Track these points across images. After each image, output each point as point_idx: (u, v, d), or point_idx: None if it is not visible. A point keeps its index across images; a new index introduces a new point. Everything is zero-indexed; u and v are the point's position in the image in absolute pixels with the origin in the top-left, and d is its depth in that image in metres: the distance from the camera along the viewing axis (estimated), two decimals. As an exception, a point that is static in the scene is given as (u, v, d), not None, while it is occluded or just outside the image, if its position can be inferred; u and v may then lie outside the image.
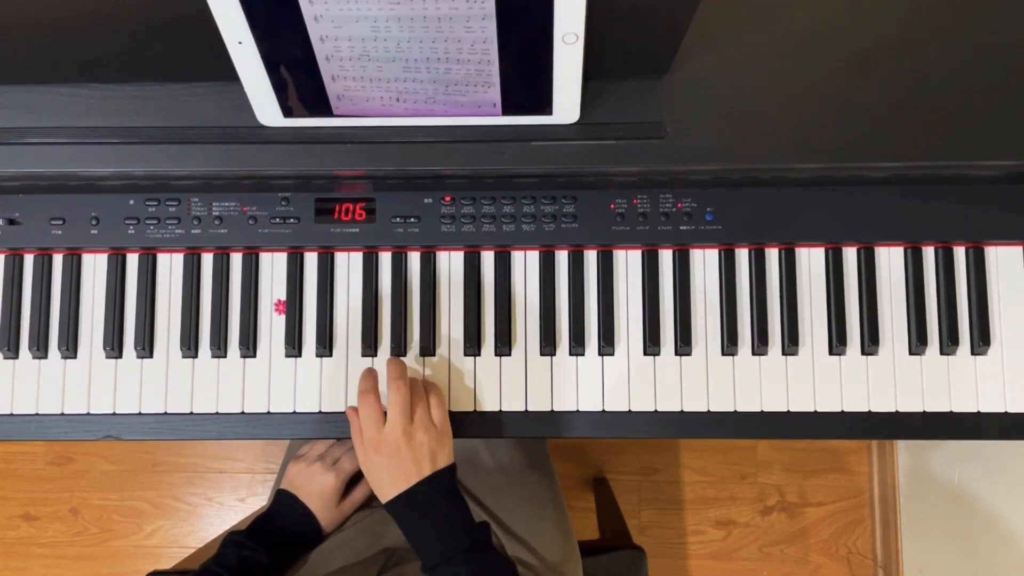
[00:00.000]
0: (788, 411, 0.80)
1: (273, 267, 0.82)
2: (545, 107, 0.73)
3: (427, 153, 0.76)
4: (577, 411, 0.80)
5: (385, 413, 0.73)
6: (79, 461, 1.65)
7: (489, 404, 0.80)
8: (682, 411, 0.80)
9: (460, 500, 0.74)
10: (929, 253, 0.82)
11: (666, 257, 0.82)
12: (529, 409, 0.80)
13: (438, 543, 0.71)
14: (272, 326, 0.81)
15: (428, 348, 0.80)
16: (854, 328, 0.81)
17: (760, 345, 0.80)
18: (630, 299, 0.81)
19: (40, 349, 0.81)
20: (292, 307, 0.81)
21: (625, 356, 0.81)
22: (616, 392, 0.80)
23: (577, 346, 0.80)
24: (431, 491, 0.72)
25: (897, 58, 0.77)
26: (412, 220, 0.80)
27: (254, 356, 0.81)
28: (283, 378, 0.81)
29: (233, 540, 0.79)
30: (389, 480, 0.73)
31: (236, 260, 0.82)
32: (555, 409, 0.80)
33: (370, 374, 0.77)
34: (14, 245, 0.81)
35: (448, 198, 0.80)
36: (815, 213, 0.80)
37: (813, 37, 0.77)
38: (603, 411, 0.80)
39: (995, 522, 1.21)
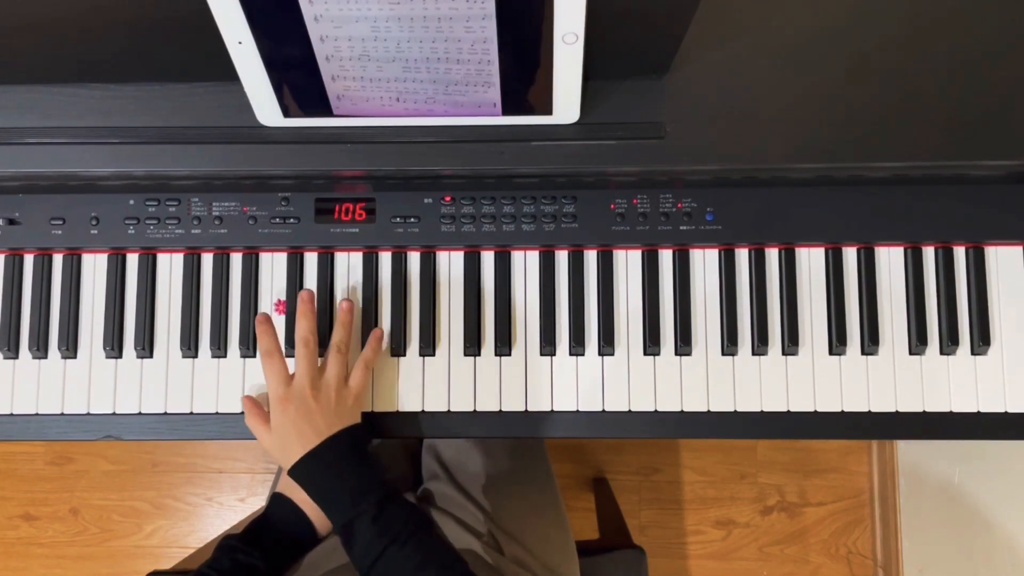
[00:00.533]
0: (788, 411, 0.80)
1: (273, 267, 0.82)
2: (545, 107, 0.73)
3: (427, 153, 0.76)
4: (577, 411, 0.80)
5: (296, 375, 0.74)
6: (79, 461, 1.65)
7: (489, 404, 0.80)
8: (682, 411, 0.80)
9: (368, 457, 0.73)
10: (929, 253, 0.82)
11: (666, 257, 0.82)
12: (529, 409, 0.80)
13: (347, 500, 0.70)
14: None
15: (428, 348, 0.80)
16: (854, 328, 0.81)
17: (760, 345, 0.80)
18: (630, 299, 0.81)
19: (40, 349, 0.81)
20: (292, 307, 0.81)
21: (625, 356, 0.81)
22: (616, 392, 0.80)
23: (577, 346, 0.80)
24: (339, 447, 0.72)
25: (897, 58, 0.77)
26: (412, 220, 0.80)
27: (254, 356, 0.81)
28: (283, 378, 0.81)
29: (228, 544, 0.78)
30: (297, 437, 0.72)
31: (236, 260, 0.82)
32: (555, 409, 0.80)
33: (268, 331, 0.76)
34: (14, 245, 0.81)
35: (448, 198, 0.80)
36: (815, 213, 0.80)
37: (813, 37, 0.77)
38: (603, 411, 0.80)
39: (995, 522, 1.21)
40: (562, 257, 0.82)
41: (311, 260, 0.82)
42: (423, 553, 0.68)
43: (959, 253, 0.81)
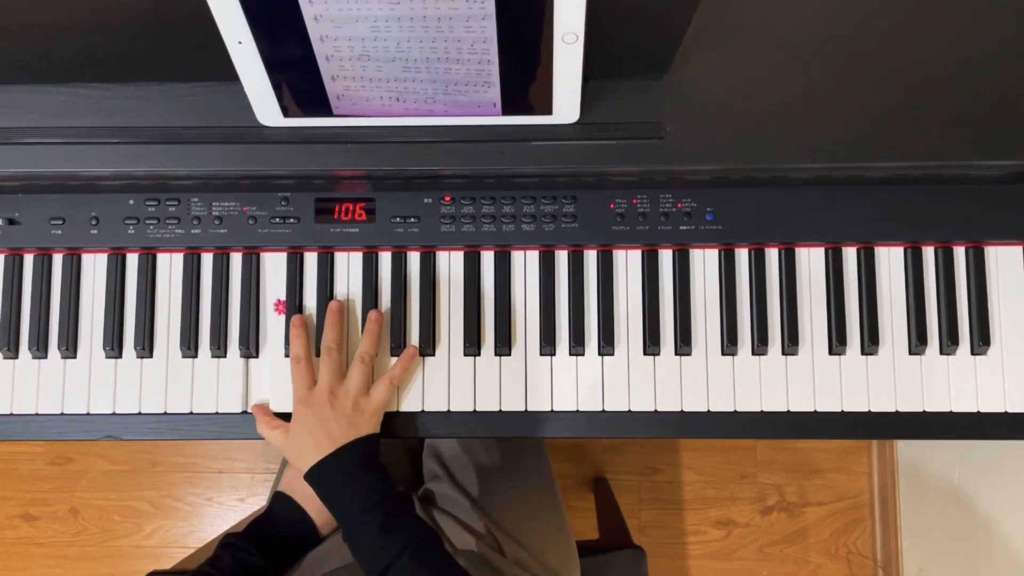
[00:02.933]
0: (788, 411, 0.80)
1: (273, 267, 0.82)
2: (545, 107, 0.73)
3: (427, 153, 0.76)
4: (577, 411, 0.80)
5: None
6: (79, 461, 1.65)
7: (489, 404, 0.80)
8: (682, 411, 0.80)
9: (380, 468, 0.74)
10: (929, 253, 0.82)
11: (666, 257, 0.82)
12: (529, 409, 0.80)
13: (357, 510, 0.71)
14: (272, 326, 0.81)
15: (428, 348, 0.80)
16: (854, 328, 0.81)
17: (760, 345, 0.80)
18: (630, 299, 0.81)
19: (40, 349, 0.81)
20: (292, 307, 0.81)
21: (625, 356, 0.81)
22: (616, 392, 0.80)
23: (577, 346, 0.80)
24: (352, 456, 0.73)
25: (897, 58, 0.77)
26: (412, 220, 0.80)
27: (255, 356, 0.81)
28: (283, 378, 0.81)
29: (229, 542, 0.78)
30: (312, 443, 0.73)
31: (236, 260, 0.82)
32: (555, 409, 0.80)
33: (301, 335, 0.78)
34: (14, 245, 0.81)
35: (448, 198, 0.80)
36: (815, 213, 0.80)
37: (813, 37, 0.77)
38: (603, 411, 0.80)
39: (995, 522, 1.21)
40: (562, 257, 0.82)
41: (311, 260, 0.82)
42: (428, 568, 0.68)
43: (959, 253, 0.81)
